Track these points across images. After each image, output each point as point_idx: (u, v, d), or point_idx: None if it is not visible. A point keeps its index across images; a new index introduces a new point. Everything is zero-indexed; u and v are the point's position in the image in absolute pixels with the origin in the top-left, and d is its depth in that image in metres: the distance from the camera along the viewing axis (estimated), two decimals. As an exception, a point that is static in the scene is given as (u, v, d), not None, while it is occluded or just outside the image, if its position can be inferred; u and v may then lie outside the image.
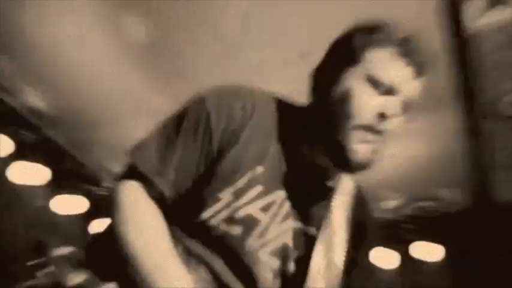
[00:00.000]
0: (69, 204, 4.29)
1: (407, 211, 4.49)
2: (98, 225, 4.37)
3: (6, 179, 3.80)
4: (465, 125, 3.63)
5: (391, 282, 4.32)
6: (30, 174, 3.90)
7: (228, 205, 1.04)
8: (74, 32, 3.17)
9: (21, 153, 3.84)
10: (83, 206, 4.38)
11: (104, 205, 4.50)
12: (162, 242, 0.99)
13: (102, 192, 4.57)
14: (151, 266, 0.94)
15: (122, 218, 1.01)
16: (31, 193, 4.06)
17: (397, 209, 4.50)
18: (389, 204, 4.50)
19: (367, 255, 1.30)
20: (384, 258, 4.29)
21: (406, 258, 4.35)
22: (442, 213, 4.29)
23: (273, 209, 1.08)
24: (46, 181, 4.03)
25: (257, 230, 1.06)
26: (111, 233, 1.01)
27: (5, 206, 3.87)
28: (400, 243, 4.41)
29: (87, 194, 4.42)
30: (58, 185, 4.21)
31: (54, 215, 4.24)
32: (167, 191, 1.04)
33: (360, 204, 1.25)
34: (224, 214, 1.04)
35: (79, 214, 4.39)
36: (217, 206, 1.04)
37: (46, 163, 3.99)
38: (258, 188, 1.06)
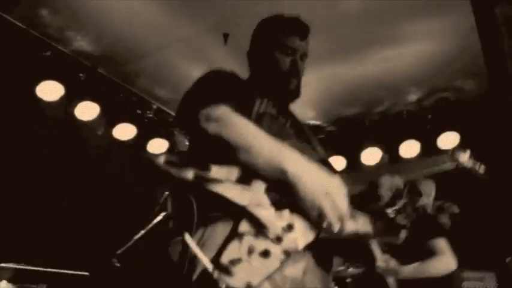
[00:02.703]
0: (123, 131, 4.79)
1: (429, 103, 4.86)
2: (155, 145, 4.98)
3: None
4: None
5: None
6: (85, 110, 4.38)
7: None
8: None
9: (75, 93, 4.33)
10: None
11: (154, 126, 5.10)
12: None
13: (151, 115, 5.12)
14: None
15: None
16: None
17: (418, 101, 4.89)
18: (412, 97, 4.88)
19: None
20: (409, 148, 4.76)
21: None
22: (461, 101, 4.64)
23: None
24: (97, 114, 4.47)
25: None
26: None
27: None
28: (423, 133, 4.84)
29: (138, 119, 4.95)
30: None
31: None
32: None
33: None
34: None
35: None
36: None
37: (98, 98, 4.47)
38: None
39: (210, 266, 1.19)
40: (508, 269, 4.17)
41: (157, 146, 4.97)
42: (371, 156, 4.98)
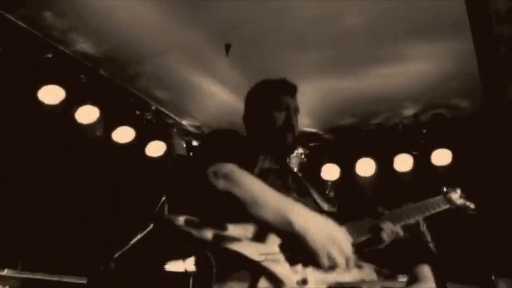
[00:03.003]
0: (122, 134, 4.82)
1: (424, 118, 4.95)
2: (153, 147, 5.02)
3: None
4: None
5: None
6: (85, 114, 4.41)
7: None
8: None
9: (75, 96, 4.34)
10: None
11: (153, 129, 5.13)
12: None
13: (150, 116, 5.15)
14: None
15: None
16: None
17: (414, 116, 4.98)
18: (408, 112, 4.97)
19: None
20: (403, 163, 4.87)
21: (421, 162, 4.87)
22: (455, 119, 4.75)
23: None
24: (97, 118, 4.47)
25: None
26: None
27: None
28: (417, 148, 4.94)
29: (137, 121, 4.98)
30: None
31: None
32: None
33: None
34: None
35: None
36: None
37: (98, 102, 4.49)
38: None
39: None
40: (492, 285, 4.32)
41: (156, 149, 5.01)
42: (365, 167, 5.07)
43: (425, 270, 3.16)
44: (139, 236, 3.89)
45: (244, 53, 4.23)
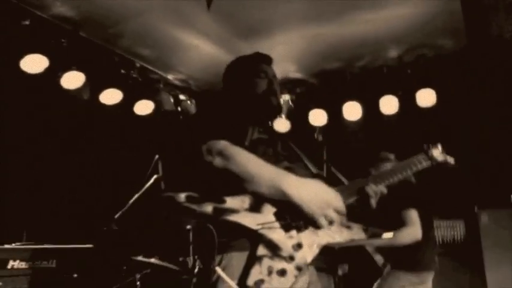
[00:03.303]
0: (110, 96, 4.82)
1: (408, 59, 4.99)
2: (141, 106, 5.04)
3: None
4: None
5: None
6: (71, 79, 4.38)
7: None
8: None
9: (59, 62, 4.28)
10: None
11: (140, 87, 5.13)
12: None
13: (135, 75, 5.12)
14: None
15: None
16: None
17: (399, 57, 5.01)
18: (392, 53, 5.00)
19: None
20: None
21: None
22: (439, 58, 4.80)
23: None
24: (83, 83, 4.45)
25: None
26: None
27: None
28: (402, 89, 5.02)
29: (123, 81, 4.95)
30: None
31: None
32: None
33: None
34: None
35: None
36: None
37: (83, 65, 4.44)
38: None
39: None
40: (475, 218, 4.58)
41: (144, 108, 5.03)
42: (352, 111, 5.16)
43: (413, 215, 3.37)
44: (136, 196, 4.01)
45: (226, 5, 4.17)
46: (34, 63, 3.95)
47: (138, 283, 3.66)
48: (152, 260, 3.62)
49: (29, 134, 4.33)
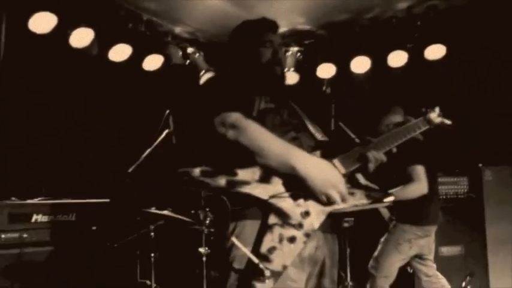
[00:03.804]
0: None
1: (419, 11, 4.90)
2: (150, 61, 5.07)
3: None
4: None
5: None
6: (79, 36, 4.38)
7: None
8: None
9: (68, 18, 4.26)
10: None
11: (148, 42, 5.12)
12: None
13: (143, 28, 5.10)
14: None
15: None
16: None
17: (408, 8, 4.92)
18: (402, 5, 4.91)
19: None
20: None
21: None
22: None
23: None
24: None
25: None
26: None
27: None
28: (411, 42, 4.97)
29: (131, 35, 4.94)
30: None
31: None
32: None
33: None
34: None
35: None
36: None
37: (90, 20, 4.41)
38: None
39: (255, 259, 1.52)
40: (479, 174, 4.68)
41: (153, 62, 5.06)
42: (360, 64, 5.15)
43: (420, 170, 3.47)
44: (149, 150, 4.13)
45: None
46: (43, 22, 3.95)
47: (152, 234, 3.88)
48: (165, 212, 3.81)
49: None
